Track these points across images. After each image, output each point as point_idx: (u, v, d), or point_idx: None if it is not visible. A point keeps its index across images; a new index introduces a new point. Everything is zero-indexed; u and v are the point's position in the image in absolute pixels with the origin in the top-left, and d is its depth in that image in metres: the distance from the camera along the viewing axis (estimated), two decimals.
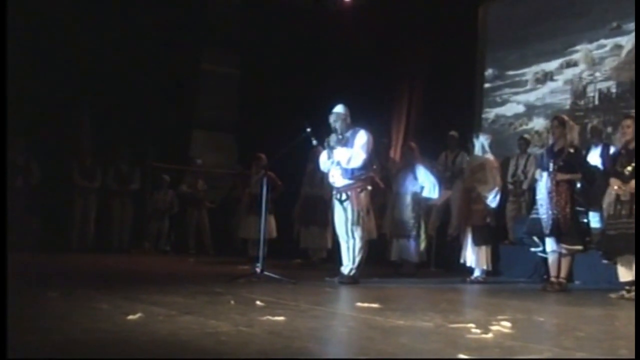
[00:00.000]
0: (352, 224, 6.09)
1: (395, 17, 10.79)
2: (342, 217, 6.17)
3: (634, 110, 6.69)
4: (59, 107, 10.23)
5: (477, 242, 6.88)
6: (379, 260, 7.73)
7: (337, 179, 6.21)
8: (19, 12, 7.35)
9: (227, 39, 12.60)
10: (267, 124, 11.50)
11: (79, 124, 10.92)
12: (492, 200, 6.89)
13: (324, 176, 7.21)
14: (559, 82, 9.54)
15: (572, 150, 6.02)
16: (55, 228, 9.76)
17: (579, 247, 5.97)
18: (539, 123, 9.69)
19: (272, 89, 11.82)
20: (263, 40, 12.07)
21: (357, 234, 6.10)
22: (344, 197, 6.16)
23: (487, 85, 10.50)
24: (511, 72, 10.17)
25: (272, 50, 11.90)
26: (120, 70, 10.58)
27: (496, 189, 6.91)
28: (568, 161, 5.97)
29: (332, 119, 6.26)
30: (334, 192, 6.26)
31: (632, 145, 5.46)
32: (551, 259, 6.11)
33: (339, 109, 6.28)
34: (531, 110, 9.84)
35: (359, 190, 6.13)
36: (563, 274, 6.05)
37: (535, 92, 9.81)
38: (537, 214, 6.03)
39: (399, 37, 10.86)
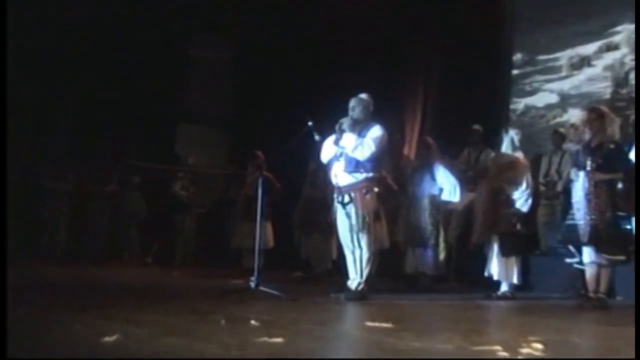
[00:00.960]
0: (358, 231, 6.10)
1: None
2: (346, 223, 6.17)
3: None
4: (29, 97, 10.22)
5: (504, 252, 6.87)
6: (391, 272, 7.73)
7: (339, 176, 6.22)
8: None
9: (219, 20, 12.60)
10: (264, 118, 11.52)
11: (51, 117, 10.93)
12: (523, 203, 6.89)
13: (327, 176, 7.23)
14: (597, 68, 9.51)
15: (612, 146, 6.00)
16: (22, 235, 9.76)
17: (621, 257, 5.94)
18: (574, 115, 9.64)
19: (269, 78, 11.84)
20: (259, 21, 12.05)
21: (364, 242, 6.10)
22: (346, 199, 6.16)
23: (515, 72, 10.49)
24: (543, 57, 10.15)
25: (269, 34, 11.91)
26: (97, 58, 10.58)
27: (528, 190, 6.91)
28: (608, 159, 5.94)
29: (352, 103, 6.30)
30: (336, 194, 6.27)
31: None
32: (589, 271, 6.08)
33: (363, 95, 6.35)
34: (566, 101, 9.82)
35: (364, 191, 6.15)
36: (603, 288, 6.03)
37: (570, 79, 9.80)
38: (573, 219, 6.02)
39: (414, 17, 10.87)
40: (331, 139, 6.30)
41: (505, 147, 7.11)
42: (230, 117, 13.06)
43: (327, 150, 6.33)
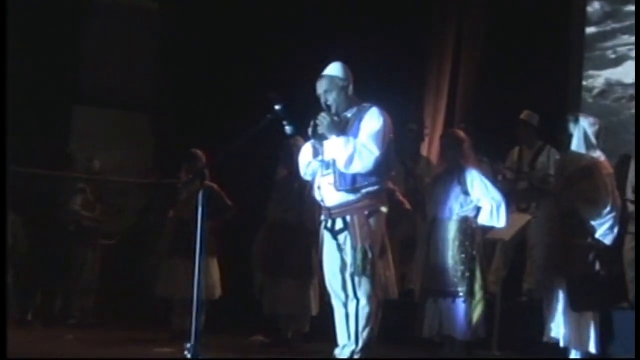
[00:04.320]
0: (354, 274, 6.07)
1: None
2: (337, 262, 6.16)
3: None
4: None
5: (576, 306, 6.88)
6: (402, 336, 7.75)
7: (328, 194, 6.20)
8: None
9: None
10: (207, 100, 11.51)
11: None
12: (605, 233, 6.89)
13: (304, 189, 7.10)
14: None
15: None
16: None
17: None
18: None
19: (215, 38, 11.80)
20: None
21: (363, 290, 6.08)
22: (340, 225, 6.15)
23: (590, 30, 10.54)
24: (631, 8, 10.18)
25: None
26: None
27: (612, 213, 6.90)
28: None
29: (321, 87, 6.26)
30: (324, 218, 6.28)
31: None
32: None
33: (334, 69, 6.30)
34: None
35: (366, 212, 6.13)
36: None
37: None
38: None
39: None
40: (307, 150, 6.33)
41: (577, 145, 7.12)
42: (154, 97, 13.00)
43: (306, 165, 6.37)
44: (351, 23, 10.70)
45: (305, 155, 6.36)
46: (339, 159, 6.08)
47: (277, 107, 6.05)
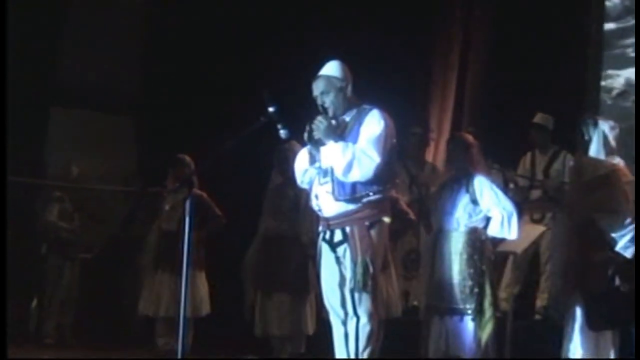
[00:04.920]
0: (354, 289, 6.06)
1: None
2: (336, 276, 6.15)
3: None
4: None
5: (594, 325, 6.87)
6: (406, 357, 7.77)
7: (326, 203, 6.19)
8: None
9: None
10: (196, 102, 11.50)
11: None
12: (626, 245, 6.85)
13: (300, 198, 7.09)
14: None
15: None
16: None
17: None
18: None
19: (208, 36, 11.82)
20: None
21: (364, 307, 6.07)
22: (338, 236, 6.15)
23: (609, 26, 10.53)
24: None
25: None
26: None
27: (634, 224, 6.86)
28: None
29: (317, 88, 6.25)
30: (321, 229, 6.29)
31: None
32: None
33: (331, 69, 6.28)
34: None
35: (367, 223, 6.13)
36: None
37: None
38: None
39: None
40: (304, 156, 6.33)
41: (595, 150, 7.11)
42: (139, 98, 13.01)
43: (303, 172, 6.35)
44: (349, 17, 10.68)
45: (301, 161, 6.35)
46: (336, 167, 6.06)
47: (270, 109, 6.06)
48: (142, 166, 12.26)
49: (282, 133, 6.12)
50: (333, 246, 6.16)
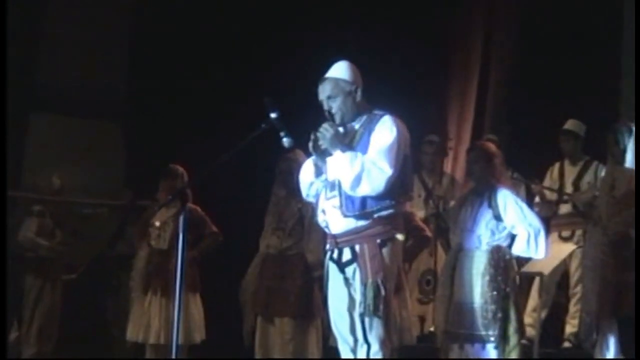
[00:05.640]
0: (364, 314, 6.04)
1: None
2: (345, 299, 6.15)
3: None
4: None
5: (628, 353, 6.85)
6: None
7: (333, 219, 6.18)
8: None
9: None
10: (190, 107, 11.52)
11: None
12: None
13: (306, 213, 7.06)
14: None
15: None
16: None
17: None
18: None
19: (202, 35, 11.85)
20: None
21: (375, 334, 6.04)
22: (347, 255, 6.13)
23: None
24: None
25: None
26: None
27: None
28: None
29: (323, 92, 6.22)
30: (329, 247, 6.27)
31: None
32: None
33: (339, 71, 6.26)
34: None
35: (378, 241, 6.10)
36: None
37: None
38: None
39: None
40: (308, 167, 6.31)
41: (630, 161, 7.15)
42: (127, 103, 13.03)
43: (308, 184, 6.34)
44: (360, 15, 10.70)
45: (306, 173, 6.32)
46: (344, 179, 6.03)
47: (272, 115, 6.04)
48: (130, 177, 12.27)
49: (285, 141, 6.12)
50: (341, 266, 6.13)
